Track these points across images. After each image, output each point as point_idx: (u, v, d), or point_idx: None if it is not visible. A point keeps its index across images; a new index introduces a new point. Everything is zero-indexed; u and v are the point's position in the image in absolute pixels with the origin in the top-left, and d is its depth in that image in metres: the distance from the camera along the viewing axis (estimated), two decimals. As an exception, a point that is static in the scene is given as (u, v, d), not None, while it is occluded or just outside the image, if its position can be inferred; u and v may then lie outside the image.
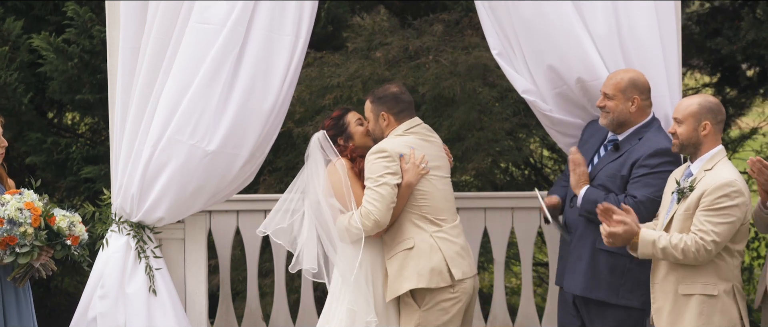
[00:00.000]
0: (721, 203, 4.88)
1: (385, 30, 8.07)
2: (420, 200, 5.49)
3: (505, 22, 5.78)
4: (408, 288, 5.42)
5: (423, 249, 5.44)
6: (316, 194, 5.55)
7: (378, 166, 5.44)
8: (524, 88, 5.86)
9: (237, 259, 7.30)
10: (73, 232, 5.33)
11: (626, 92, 5.46)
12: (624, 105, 5.47)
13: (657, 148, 5.38)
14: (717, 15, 9.20)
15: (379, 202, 5.39)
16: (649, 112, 5.53)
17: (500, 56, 5.87)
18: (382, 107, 5.59)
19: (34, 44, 7.73)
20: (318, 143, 5.61)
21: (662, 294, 5.07)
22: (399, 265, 5.46)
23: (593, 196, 5.43)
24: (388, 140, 5.55)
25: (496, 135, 7.80)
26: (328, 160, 5.60)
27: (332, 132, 5.64)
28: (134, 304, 5.71)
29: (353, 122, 5.65)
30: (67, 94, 7.83)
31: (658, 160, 5.37)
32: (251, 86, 5.65)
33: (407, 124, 5.59)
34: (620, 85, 5.47)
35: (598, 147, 5.66)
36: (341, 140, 5.64)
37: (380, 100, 5.61)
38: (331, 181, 5.54)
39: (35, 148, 7.90)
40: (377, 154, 5.47)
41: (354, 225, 5.43)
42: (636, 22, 5.71)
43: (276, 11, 5.64)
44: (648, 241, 4.96)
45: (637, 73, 5.52)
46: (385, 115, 5.58)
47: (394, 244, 5.50)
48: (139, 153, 5.66)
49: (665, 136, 5.44)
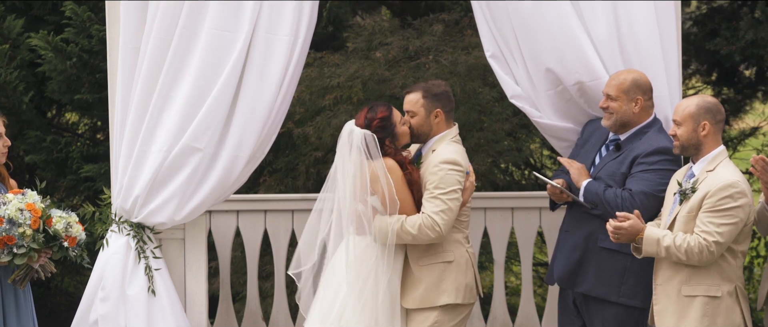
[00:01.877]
0: (725, 204, 4.88)
1: (385, 30, 8.07)
2: (461, 215, 5.44)
3: (503, 21, 5.76)
4: (446, 302, 5.36)
5: (461, 264, 5.41)
6: (354, 191, 5.34)
7: (452, 179, 5.31)
8: (514, 93, 5.84)
9: (237, 262, 7.30)
10: (69, 233, 5.33)
11: (629, 93, 5.46)
12: (627, 106, 5.47)
13: (657, 147, 5.38)
14: (714, 16, 9.19)
15: (447, 214, 5.28)
16: (651, 113, 5.53)
17: (493, 58, 5.85)
18: (438, 104, 5.46)
19: (32, 43, 7.72)
20: (363, 143, 5.37)
21: (665, 295, 5.07)
22: (437, 277, 5.38)
23: (594, 188, 5.43)
24: (455, 151, 5.40)
25: (497, 135, 7.80)
26: (368, 157, 5.38)
27: (381, 134, 5.39)
28: (135, 306, 5.71)
29: (399, 122, 5.46)
30: (66, 93, 7.82)
31: (656, 158, 5.37)
32: (253, 88, 5.65)
33: (455, 129, 5.52)
34: (623, 85, 5.46)
35: (599, 146, 5.65)
36: (389, 141, 5.44)
37: (436, 97, 5.46)
38: (383, 181, 5.32)
39: (35, 147, 7.90)
40: (452, 166, 5.33)
41: (409, 231, 5.28)
42: (635, 22, 5.70)
43: (274, 12, 5.64)
44: (652, 239, 4.97)
45: (639, 74, 5.51)
46: (439, 112, 5.46)
47: (432, 254, 5.39)
48: (145, 155, 5.64)
49: (667, 136, 5.44)
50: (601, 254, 5.48)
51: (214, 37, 5.60)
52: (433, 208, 5.29)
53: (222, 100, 5.61)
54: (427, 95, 5.46)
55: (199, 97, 5.61)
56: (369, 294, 5.34)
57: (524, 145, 8.35)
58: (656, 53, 5.71)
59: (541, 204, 6.54)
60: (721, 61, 9.00)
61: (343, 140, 5.40)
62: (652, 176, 5.34)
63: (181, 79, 5.63)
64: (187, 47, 5.62)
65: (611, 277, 5.45)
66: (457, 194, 5.32)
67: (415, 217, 5.31)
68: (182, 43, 5.62)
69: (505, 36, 5.79)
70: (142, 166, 5.65)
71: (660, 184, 5.31)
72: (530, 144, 8.36)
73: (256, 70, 5.65)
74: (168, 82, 5.63)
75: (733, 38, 8.47)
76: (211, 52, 5.60)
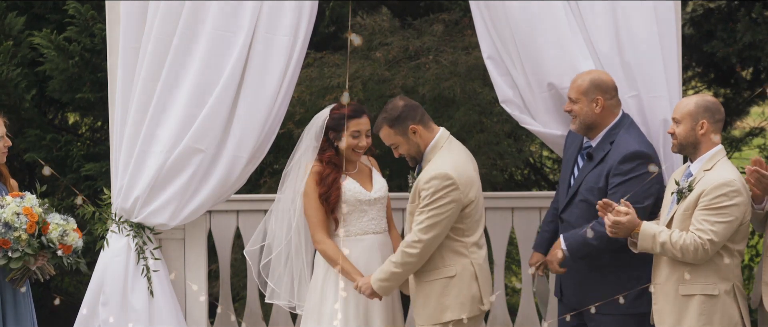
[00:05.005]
0: (720, 203, 4.89)
1: (385, 30, 8.07)
2: (461, 221, 5.31)
3: (500, 22, 5.75)
4: (450, 318, 5.32)
5: (464, 277, 5.32)
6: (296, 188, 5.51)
7: (436, 194, 5.20)
8: (505, 97, 5.83)
9: (237, 265, 7.30)
10: (64, 241, 5.32)
11: (589, 94, 5.43)
12: (588, 107, 5.43)
13: (626, 153, 5.33)
14: (711, 17, 9.19)
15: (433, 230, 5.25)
16: (617, 112, 5.49)
17: (490, 60, 5.84)
18: (407, 122, 5.34)
19: (34, 42, 7.71)
20: (322, 127, 5.47)
21: (663, 295, 5.08)
22: (439, 293, 5.33)
23: (575, 242, 5.36)
24: (444, 164, 5.28)
25: (497, 137, 7.79)
26: (315, 153, 5.51)
27: (331, 124, 5.48)
28: (136, 307, 5.71)
29: (354, 128, 5.45)
30: (67, 92, 7.82)
31: (630, 166, 5.31)
32: (253, 88, 5.66)
33: (441, 132, 5.41)
34: (582, 87, 5.43)
35: (576, 156, 5.62)
36: (332, 134, 5.48)
37: (398, 119, 5.35)
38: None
39: (35, 145, 7.88)
40: (439, 181, 5.22)
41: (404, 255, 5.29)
42: (634, 23, 5.69)
43: (274, 12, 5.64)
44: (648, 234, 4.98)
45: (599, 74, 5.48)
46: (414, 127, 5.35)
47: (431, 269, 5.34)
48: (146, 156, 5.65)
49: (636, 136, 5.39)
50: (598, 268, 5.47)
51: (215, 37, 5.60)
52: (416, 226, 5.24)
53: (223, 101, 5.61)
54: (391, 123, 5.36)
55: (200, 98, 5.62)
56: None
57: (525, 147, 8.35)
58: (656, 54, 5.70)
59: (541, 204, 6.56)
60: (718, 63, 9.01)
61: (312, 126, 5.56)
62: (632, 187, 5.27)
63: (182, 80, 5.64)
64: (188, 48, 5.63)
65: (607, 289, 5.42)
66: (440, 208, 5.21)
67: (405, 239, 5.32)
68: (183, 43, 5.62)
69: (503, 37, 5.78)
70: (143, 166, 5.65)
71: (638, 194, 5.26)
72: (530, 145, 8.37)
73: (257, 70, 5.65)
74: (169, 83, 5.63)
75: (730, 40, 8.47)
76: (211, 53, 5.61)
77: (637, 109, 5.69)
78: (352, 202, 5.49)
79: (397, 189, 5.96)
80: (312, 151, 5.56)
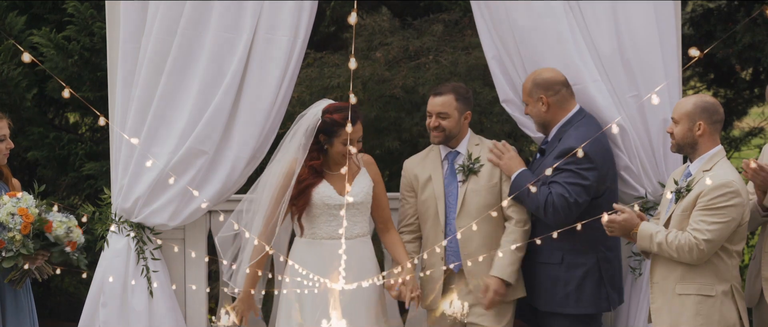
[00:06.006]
0: (717, 203, 4.90)
1: (385, 30, 8.07)
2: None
3: (501, 24, 5.76)
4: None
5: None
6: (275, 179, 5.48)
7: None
8: (506, 97, 5.86)
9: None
10: (70, 238, 5.33)
11: (533, 94, 5.47)
12: (535, 106, 5.47)
13: (563, 148, 5.34)
14: (710, 17, 9.20)
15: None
16: (569, 106, 5.49)
17: (494, 60, 5.86)
18: (468, 107, 5.55)
19: (34, 41, 7.71)
20: (314, 127, 5.46)
21: (661, 294, 5.09)
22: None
23: (523, 180, 5.40)
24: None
25: (497, 137, 7.77)
26: (305, 151, 5.48)
27: (323, 126, 5.44)
28: (137, 307, 5.72)
29: (345, 135, 5.40)
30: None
31: (576, 164, 5.28)
32: (253, 88, 5.67)
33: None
34: (526, 89, 5.49)
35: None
36: (323, 138, 5.46)
37: (467, 100, 5.55)
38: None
39: (37, 144, 7.89)
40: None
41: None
42: (635, 23, 5.71)
43: (274, 12, 5.65)
44: (646, 234, 4.99)
45: (540, 71, 5.50)
46: (469, 115, 5.56)
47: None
48: (147, 156, 5.64)
49: (584, 132, 5.35)
50: (547, 270, 5.50)
51: (217, 39, 5.61)
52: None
53: (226, 102, 5.62)
54: (459, 98, 5.52)
55: (203, 100, 5.62)
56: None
57: (525, 147, 8.34)
58: (656, 54, 5.72)
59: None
60: (718, 63, 9.02)
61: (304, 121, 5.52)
62: (572, 179, 5.31)
63: (184, 81, 5.65)
64: (189, 49, 5.64)
65: (554, 290, 5.47)
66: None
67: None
68: (184, 44, 5.63)
69: (503, 38, 5.79)
70: (144, 167, 5.65)
71: (577, 185, 5.28)
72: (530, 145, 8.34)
73: (257, 71, 5.66)
74: (171, 84, 5.64)
75: (729, 41, 8.48)
76: (214, 54, 5.61)
77: (637, 108, 5.70)
78: (319, 205, 5.47)
79: (397, 189, 5.94)
80: (303, 149, 5.49)
